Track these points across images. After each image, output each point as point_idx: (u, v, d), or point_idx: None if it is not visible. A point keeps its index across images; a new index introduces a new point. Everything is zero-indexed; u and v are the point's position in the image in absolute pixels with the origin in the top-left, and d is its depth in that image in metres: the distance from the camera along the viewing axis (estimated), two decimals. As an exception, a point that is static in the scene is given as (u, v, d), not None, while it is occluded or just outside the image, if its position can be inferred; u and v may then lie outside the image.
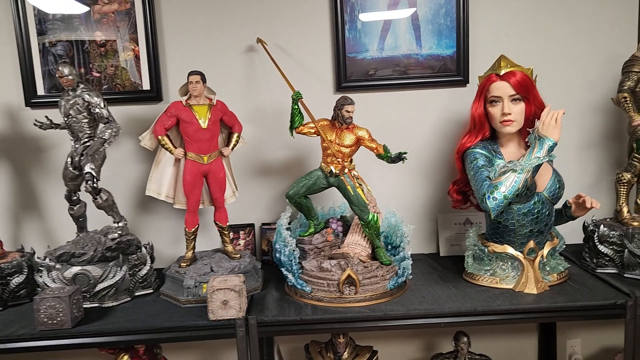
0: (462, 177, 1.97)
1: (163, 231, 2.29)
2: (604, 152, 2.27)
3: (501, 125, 1.83)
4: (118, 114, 2.12)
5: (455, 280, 1.94)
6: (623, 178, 1.97)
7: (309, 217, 2.01)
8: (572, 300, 1.71)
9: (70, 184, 1.97)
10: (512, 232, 1.83)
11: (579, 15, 2.19)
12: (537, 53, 2.19)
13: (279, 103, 2.18)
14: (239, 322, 1.67)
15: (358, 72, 2.20)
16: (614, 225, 1.96)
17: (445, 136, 2.25)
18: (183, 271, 1.90)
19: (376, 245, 1.91)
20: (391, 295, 1.81)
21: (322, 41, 2.20)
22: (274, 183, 2.28)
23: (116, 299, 1.88)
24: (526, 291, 1.79)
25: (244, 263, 1.96)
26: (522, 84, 1.78)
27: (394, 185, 2.28)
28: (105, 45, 2.17)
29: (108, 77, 2.19)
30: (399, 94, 2.24)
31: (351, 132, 1.86)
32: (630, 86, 1.90)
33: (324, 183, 1.91)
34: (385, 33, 2.18)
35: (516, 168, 1.70)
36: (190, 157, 1.92)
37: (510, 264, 1.86)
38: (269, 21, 2.18)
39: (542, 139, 1.69)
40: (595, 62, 2.20)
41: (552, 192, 1.83)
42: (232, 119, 1.99)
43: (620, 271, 1.90)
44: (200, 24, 2.18)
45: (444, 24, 2.17)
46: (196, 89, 1.86)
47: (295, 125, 1.89)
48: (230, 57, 2.20)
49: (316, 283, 1.82)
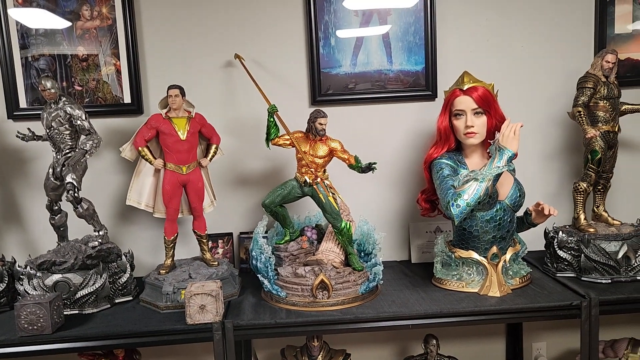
0: (429, 186, 2.07)
1: (143, 240, 2.35)
2: (564, 162, 2.40)
3: (465, 137, 1.94)
4: (100, 126, 2.19)
5: (424, 286, 2.03)
6: (580, 187, 2.09)
7: (284, 225, 2.09)
8: (532, 302, 1.81)
9: (52, 194, 2.02)
10: (476, 238, 1.93)
11: (539, 35, 2.33)
12: (500, 69, 2.32)
13: (256, 116, 2.27)
14: (215, 325, 1.73)
15: (336, 86, 2.30)
16: (572, 231, 2.07)
17: (416, 147, 2.35)
18: (162, 278, 1.96)
19: (349, 252, 1.99)
20: (363, 300, 1.89)
21: (298, 57, 2.30)
22: (251, 193, 2.36)
23: (96, 305, 1.93)
24: (490, 294, 1.89)
25: (221, 270, 2.03)
26: (483, 99, 1.90)
27: (367, 194, 2.37)
28: (87, 60, 2.24)
29: (90, 90, 2.26)
30: (372, 108, 2.34)
31: (324, 143, 1.95)
32: (584, 101, 2.03)
33: (299, 192, 1.99)
34: (358, 50, 2.29)
35: (478, 177, 1.80)
36: (169, 168, 1.99)
37: (475, 268, 1.96)
38: (247, 37, 2.27)
39: (502, 149, 1.80)
40: (555, 78, 2.34)
41: (514, 200, 1.94)
42: (211, 131, 2.07)
43: (578, 275, 2.01)
44: (180, 40, 2.27)
45: (413, 42, 2.29)
46: (175, 102, 1.94)
47: (271, 137, 1.98)
48: (209, 71, 2.29)
49: (291, 288, 1.89)
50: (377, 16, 2.28)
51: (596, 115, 2.05)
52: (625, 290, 1.87)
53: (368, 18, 2.28)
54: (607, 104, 2.04)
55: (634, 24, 2.32)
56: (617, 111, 2.08)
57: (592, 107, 2.05)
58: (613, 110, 2.05)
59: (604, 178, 2.14)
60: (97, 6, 2.21)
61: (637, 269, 1.96)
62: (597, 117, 2.05)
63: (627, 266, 1.96)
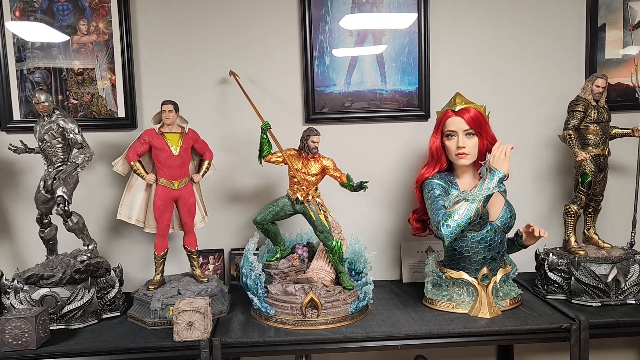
0: (421, 206, 2.08)
1: (133, 255, 2.34)
2: (556, 184, 2.41)
3: (456, 158, 1.95)
4: (93, 140, 2.20)
5: (415, 306, 2.02)
6: (570, 209, 2.10)
7: (275, 242, 2.08)
8: (521, 324, 1.81)
9: (42, 207, 2.01)
10: (466, 259, 1.93)
11: (531, 58, 2.36)
12: (493, 91, 2.35)
13: (249, 132, 2.28)
14: (203, 343, 1.71)
15: (332, 104, 2.32)
16: (562, 254, 2.08)
17: (409, 167, 2.36)
18: (151, 294, 1.95)
19: (339, 270, 1.99)
20: (352, 319, 1.88)
21: (292, 75, 2.32)
22: (243, 209, 2.36)
23: (83, 321, 1.91)
24: (480, 315, 1.88)
25: (211, 287, 2.02)
26: (475, 120, 1.92)
27: (360, 213, 2.37)
28: (83, 74, 2.25)
29: (84, 104, 2.26)
30: (365, 127, 2.35)
31: (317, 161, 1.96)
32: (574, 124, 2.05)
33: (290, 210, 1.99)
34: (352, 69, 2.31)
35: (469, 198, 1.81)
36: (161, 183, 1.99)
37: (466, 289, 1.95)
38: (242, 54, 2.29)
39: (492, 171, 1.82)
40: (546, 101, 2.36)
41: (504, 221, 1.94)
42: (203, 146, 2.07)
43: (568, 297, 2.01)
44: (176, 56, 2.29)
45: (407, 62, 2.32)
46: (169, 118, 1.95)
47: (263, 154, 1.98)
48: (204, 88, 2.30)
49: (280, 306, 1.88)
50: (372, 36, 2.31)
51: (586, 139, 2.07)
52: (614, 313, 1.87)
53: (363, 38, 2.31)
54: (597, 128, 2.06)
55: (624, 49, 2.36)
56: (607, 135, 2.10)
57: (582, 130, 2.07)
58: (603, 134, 2.07)
59: (595, 201, 2.16)
60: (94, 21, 2.23)
61: (626, 293, 1.96)
62: (588, 140, 2.07)
63: (616, 289, 1.96)
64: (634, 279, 1.97)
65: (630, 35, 2.35)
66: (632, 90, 2.17)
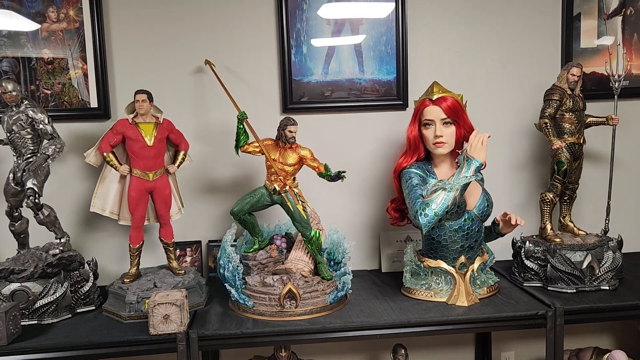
0: (399, 195, 2.07)
1: (108, 248, 2.29)
2: (532, 173, 2.43)
3: (434, 147, 1.95)
4: (65, 131, 2.14)
5: (394, 295, 2.03)
6: (546, 198, 2.12)
7: (253, 233, 2.06)
8: (499, 311, 1.82)
9: (12, 199, 1.96)
10: (444, 248, 1.94)
11: (508, 47, 2.37)
12: (470, 80, 2.35)
13: (226, 123, 2.24)
14: (179, 336, 1.69)
15: (311, 93, 2.29)
16: (538, 241, 2.10)
17: (387, 157, 2.36)
18: (126, 287, 1.91)
19: (318, 260, 1.98)
20: (331, 309, 1.88)
21: (269, 64, 2.29)
22: (221, 200, 2.33)
23: (56, 315, 1.87)
24: (458, 304, 1.89)
25: (188, 279, 1.99)
26: (452, 109, 1.91)
27: (338, 203, 2.36)
28: (53, 63, 2.19)
29: (55, 94, 2.20)
30: (343, 116, 2.34)
31: (294, 151, 1.94)
32: (550, 113, 2.06)
33: (268, 200, 1.97)
34: (330, 58, 2.29)
35: (446, 187, 1.81)
36: (135, 174, 1.95)
37: (444, 278, 1.96)
38: (218, 43, 2.25)
39: (469, 159, 1.82)
40: (523, 90, 2.38)
41: (482, 210, 1.95)
42: (179, 137, 2.04)
43: (544, 284, 2.03)
44: (150, 45, 2.24)
45: (384, 51, 2.30)
46: (142, 108, 1.91)
47: (240, 144, 1.96)
48: (179, 77, 2.26)
49: (258, 297, 1.87)
50: (350, 25, 2.29)
51: (562, 127, 2.09)
52: (589, 299, 1.90)
53: (340, 27, 2.28)
54: (573, 117, 2.08)
55: (599, 40, 2.38)
56: (582, 123, 2.12)
57: (558, 119, 2.08)
58: (578, 122, 2.09)
59: (570, 189, 2.18)
60: (64, 8, 2.16)
61: (600, 279, 1.99)
62: (563, 129, 2.09)
63: (591, 276, 1.99)
64: (607, 265, 2.00)
65: (604, 25, 2.37)
66: (607, 79, 2.19)
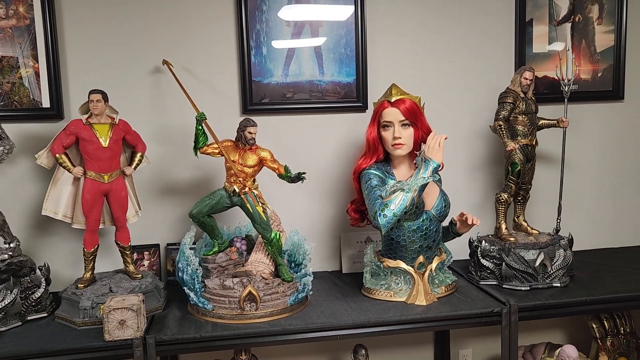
0: (359, 196, 2.09)
1: (62, 252, 2.21)
2: (488, 174, 2.50)
3: (393, 148, 1.98)
4: (15, 131, 2.07)
5: (354, 296, 2.04)
6: (501, 198, 2.18)
7: (212, 236, 2.04)
8: (456, 310, 1.86)
9: (-43, 203, 1.88)
10: (403, 248, 1.96)
11: (465, 51, 2.42)
12: (427, 83, 2.39)
13: (185, 124, 2.20)
14: (136, 341, 1.65)
15: (272, 95, 2.28)
16: (494, 240, 2.15)
17: (347, 158, 2.37)
18: (80, 292, 1.86)
19: (278, 262, 1.97)
20: (291, 311, 1.87)
21: (229, 65, 2.27)
22: (180, 202, 2.29)
23: (5, 323, 1.79)
24: (417, 303, 1.92)
25: (145, 283, 1.95)
26: (410, 111, 1.94)
27: (299, 205, 2.36)
28: (2, 61, 2.10)
29: (4, 93, 2.12)
30: (304, 118, 2.34)
31: (254, 152, 1.93)
32: (504, 115, 2.12)
33: (228, 202, 1.95)
34: (290, 60, 2.29)
35: (404, 187, 1.84)
36: (90, 176, 1.89)
37: (403, 278, 1.99)
38: (177, 43, 2.22)
39: (427, 161, 1.85)
40: (478, 93, 2.44)
41: (439, 210, 1.99)
42: (135, 138, 1.99)
43: (500, 282, 2.09)
44: (105, 43, 2.18)
45: (344, 54, 2.32)
46: (97, 108, 1.86)
47: (199, 145, 1.93)
48: (136, 76, 2.21)
49: (218, 301, 1.84)
50: (310, 27, 2.29)
51: (516, 129, 2.15)
52: (541, 296, 1.96)
53: (300, 29, 2.29)
54: (526, 119, 2.14)
55: (550, 45, 2.46)
56: (534, 126, 2.19)
57: (512, 121, 2.15)
58: (531, 124, 2.16)
59: (524, 189, 2.25)
60: (13, 4, 2.08)
61: (552, 276, 2.06)
62: (517, 131, 2.15)
63: (543, 273, 2.05)
64: (559, 263, 2.07)
65: (555, 31, 2.46)
66: (557, 83, 2.27)
